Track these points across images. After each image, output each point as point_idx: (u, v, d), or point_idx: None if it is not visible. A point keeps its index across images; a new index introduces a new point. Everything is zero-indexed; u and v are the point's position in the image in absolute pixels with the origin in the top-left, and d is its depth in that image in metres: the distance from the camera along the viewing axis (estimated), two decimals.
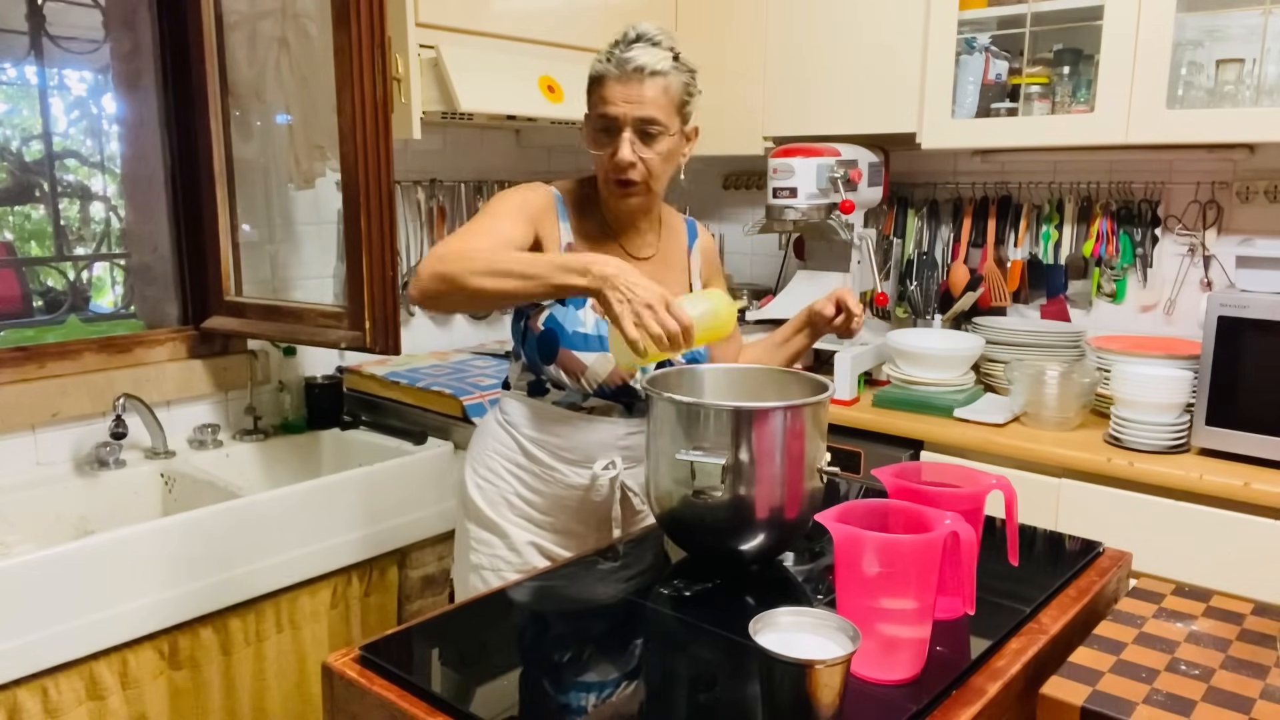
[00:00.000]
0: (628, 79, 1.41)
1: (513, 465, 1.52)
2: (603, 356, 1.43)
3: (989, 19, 2.27)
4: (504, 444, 1.53)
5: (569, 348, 1.43)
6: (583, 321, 1.44)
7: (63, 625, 1.51)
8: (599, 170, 1.48)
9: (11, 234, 2.82)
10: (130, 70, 2.16)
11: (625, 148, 1.41)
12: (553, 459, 1.50)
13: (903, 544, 0.91)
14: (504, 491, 1.53)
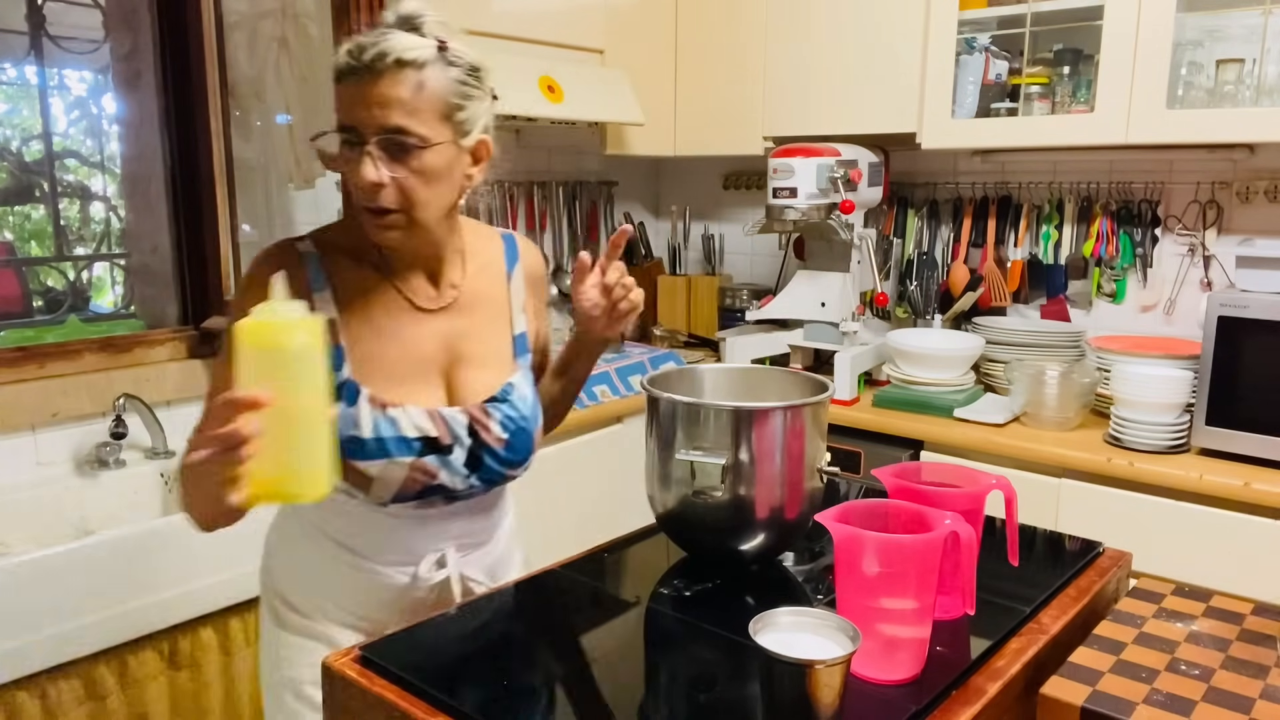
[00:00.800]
0: (369, 74, 1.04)
1: (324, 565, 1.22)
2: (391, 463, 1.13)
3: (989, 19, 2.27)
4: (311, 541, 1.23)
5: (345, 457, 1.11)
6: (357, 423, 1.12)
7: (63, 625, 1.51)
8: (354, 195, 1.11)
9: (11, 234, 2.82)
10: (130, 70, 2.16)
11: (367, 166, 1.05)
12: (369, 561, 1.21)
13: (903, 544, 0.91)
14: (321, 596, 1.23)
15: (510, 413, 1.22)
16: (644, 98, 2.57)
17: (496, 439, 1.20)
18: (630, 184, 3.18)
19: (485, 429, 1.19)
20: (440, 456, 1.16)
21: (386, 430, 1.13)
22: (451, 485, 1.18)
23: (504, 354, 1.26)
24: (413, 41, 1.05)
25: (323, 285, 1.14)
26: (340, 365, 1.13)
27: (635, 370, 2.47)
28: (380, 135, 1.05)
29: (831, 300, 2.45)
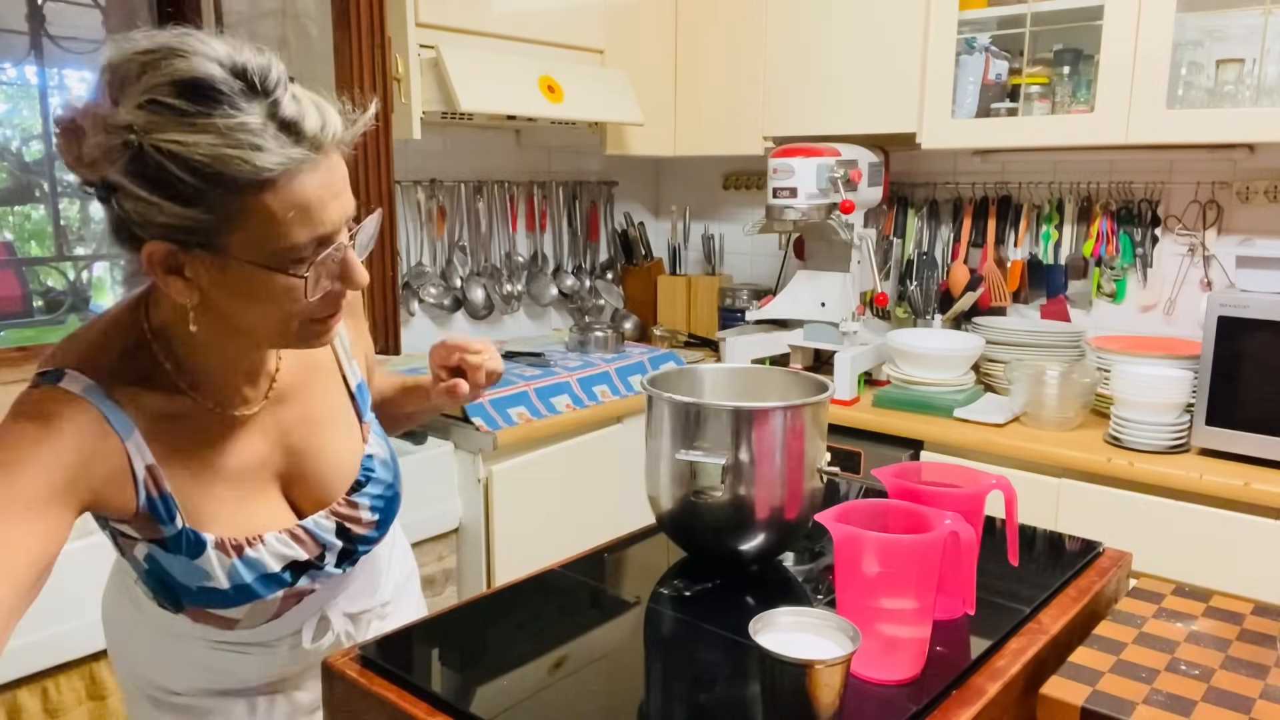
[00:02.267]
0: (322, 155, 0.81)
1: (201, 656, 1.06)
2: (259, 605, 0.98)
3: (989, 19, 2.27)
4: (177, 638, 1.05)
5: (196, 605, 0.96)
6: (210, 574, 0.94)
7: (63, 625, 1.51)
8: (275, 324, 0.86)
9: (11, 234, 2.82)
10: None
11: (359, 267, 0.88)
12: (252, 646, 1.06)
13: (903, 544, 0.91)
14: (204, 681, 1.08)
15: (376, 490, 1.07)
16: (644, 98, 2.57)
17: (368, 524, 1.06)
18: (630, 184, 3.18)
19: (355, 522, 1.05)
20: (312, 573, 1.02)
21: (247, 575, 0.95)
22: (326, 587, 1.06)
23: (348, 420, 1.08)
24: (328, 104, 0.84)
25: (129, 427, 0.88)
26: (172, 516, 0.91)
27: (635, 370, 2.47)
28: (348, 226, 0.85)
29: (831, 300, 2.45)
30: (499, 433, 2.04)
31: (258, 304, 0.84)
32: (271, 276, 0.81)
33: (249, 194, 0.77)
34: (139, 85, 0.76)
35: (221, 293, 0.83)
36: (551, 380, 2.26)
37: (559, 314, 3.01)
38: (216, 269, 0.81)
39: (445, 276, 2.63)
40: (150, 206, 0.77)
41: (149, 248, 0.79)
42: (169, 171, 0.75)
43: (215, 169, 0.75)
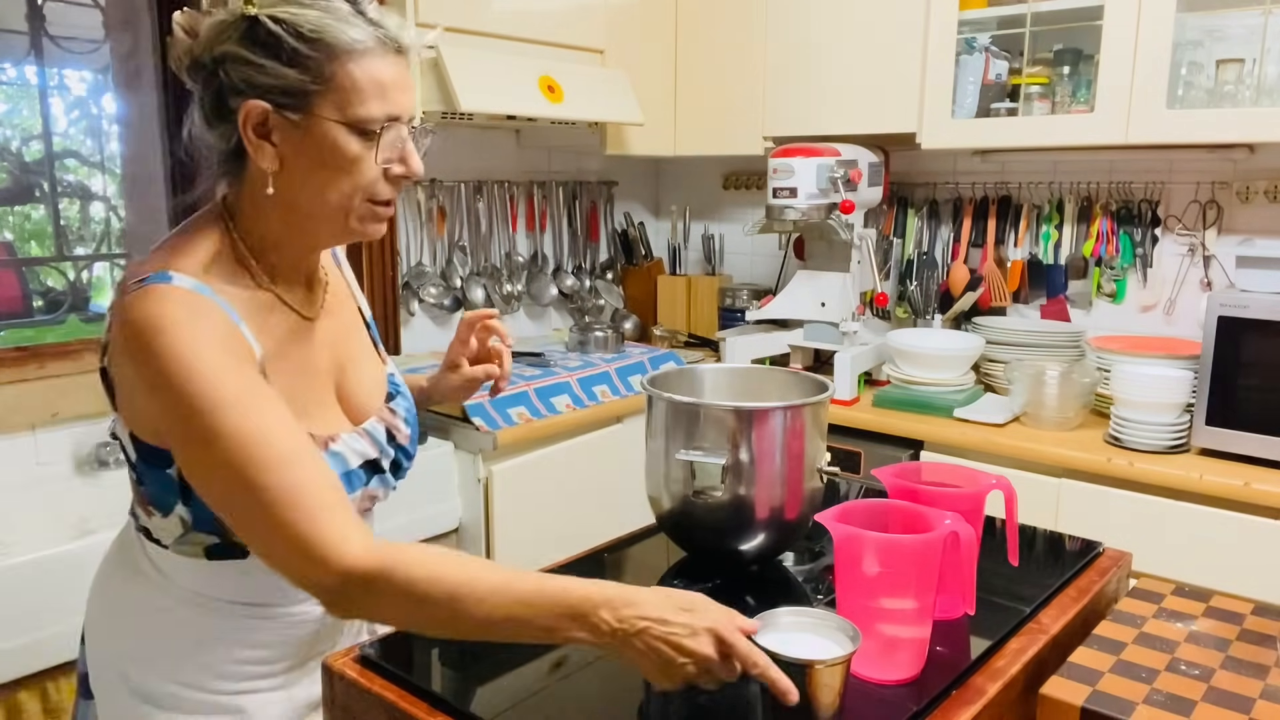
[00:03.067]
0: (396, 54, 0.94)
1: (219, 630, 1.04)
2: (362, 491, 1.06)
3: (989, 19, 2.27)
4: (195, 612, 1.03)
5: None
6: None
7: (63, 625, 1.51)
8: (344, 188, 0.94)
9: (11, 234, 2.82)
10: (130, 70, 2.16)
11: (416, 156, 0.98)
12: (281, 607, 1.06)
13: (903, 544, 0.91)
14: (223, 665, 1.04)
15: (405, 404, 1.14)
16: (644, 98, 2.57)
17: (405, 436, 1.12)
18: (630, 184, 3.18)
19: (398, 430, 1.11)
20: (380, 477, 1.07)
21: (335, 468, 0.98)
22: (381, 500, 1.09)
23: (368, 343, 1.16)
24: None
25: (239, 320, 0.93)
26: None
27: (635, 370, 2.47)
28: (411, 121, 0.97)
29: (831, 300, 2.45)
30: (499, 433, 2.04)
31: (329, 172, 0.93)
32: (347, 139, 0.92)
33: (340, 61, 0.90)
34: None
35: (300, 160, 0.93)
36: (551, 380, 2.26)
37: (559, 314, 3.00)
38: (300, 134, 0.91)
39: (445, 276, 2.63)
40: (257, 69, 0.90)
41: (248, 106, 0.90)
42: (279, 37, 0.89)
43: (318, 35, 0.89)
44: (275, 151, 0.92)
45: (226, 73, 0.91)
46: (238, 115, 0.91)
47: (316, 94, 0.91)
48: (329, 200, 0.95)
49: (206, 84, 0.93)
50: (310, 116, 0.91)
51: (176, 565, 1.02)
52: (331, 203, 0.95)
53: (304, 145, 0.92)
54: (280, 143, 0.92)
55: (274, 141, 0.92)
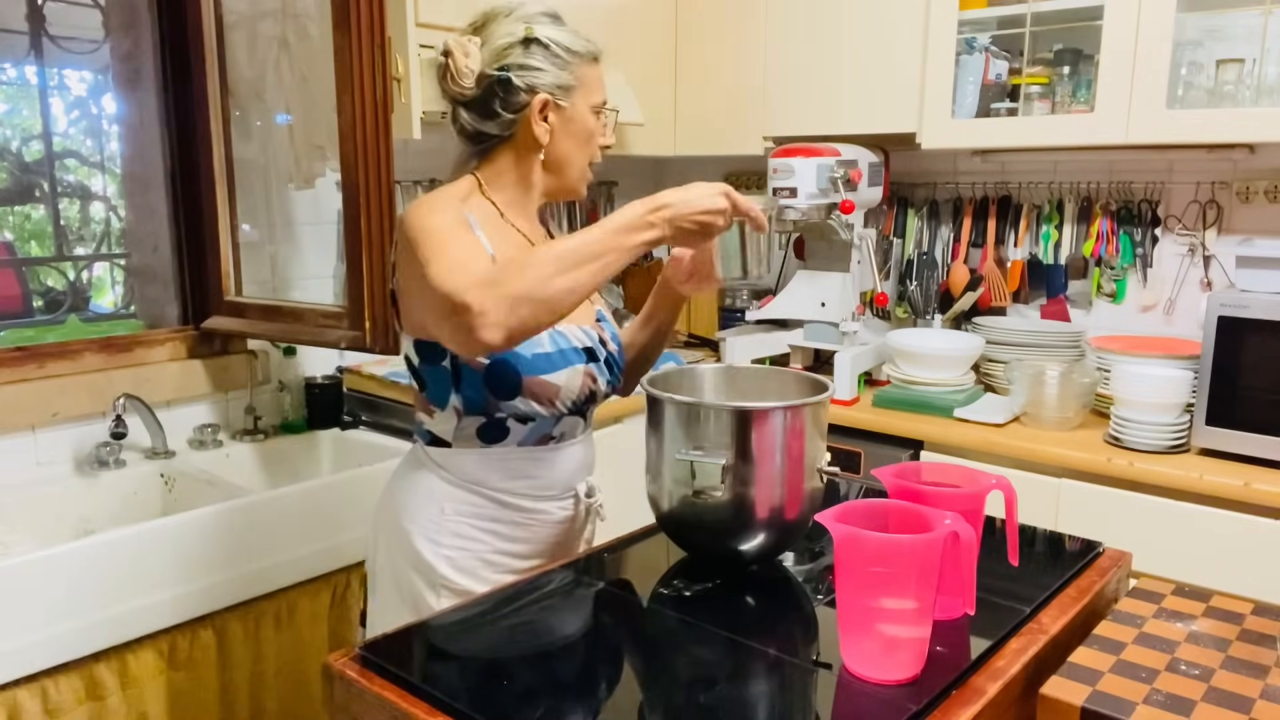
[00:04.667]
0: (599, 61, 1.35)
1: (485, 522, 1.31)
2: (573, 371, 1.29)
3: (989, 19, 2.27)
4: (466, 503, 1.31)
5: (534, 374, 1.25)
6: (539, 341, 1.25)
7: (63, 625, 1.51)
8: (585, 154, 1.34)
9: (11, 234, 2.82)
10: (130, 70, 2.16)
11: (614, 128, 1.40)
12: (534, 501, 1.33)
13: (903, 544, 0.91)
14: (479, 553, 1.31)
15: (610, 328, 1.43)
16: (644, 98, 2.56)
17: (613, 348, 1.40)
18: (630, 184, 3.18)
19: (605, 342, 1.38)
20: (596, 363, 1.34)
21: (562, 343, 1.29)
22: (601, 391, 1.37)
23: None
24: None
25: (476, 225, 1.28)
26: None
27: None
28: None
29: (831, 300, 2.45)
30: None
31: (578, 142, 1.33)
32: (590, 119, 1.33)
33: (584, 64, 1.31)
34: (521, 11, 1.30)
35: (562, 133, 1.31)
36: None
37: None
38: (564, 118, 1.30)
39: None
40: (539, 73, 1.27)
41: (540, 98, 1.27)
42: (552, 49, 1.28)
43: (573, 47, 1.30)
44: (549, 128, 1.29)
45: (520, 76, 1.27)
46: (523, 106, 1.27)
47: (575, 88, 1.30)
48: (576, 162, 1.34)
49: (490, 89, 1.28)
50: (572, 105, 1.30)
51: (458, 460, 1.31)
52: (578, 164, 1.34)
53: (567, 125, 1.31)
54: (553, 123, 1.30)
55: (549, 123, 1.29)
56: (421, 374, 1.31)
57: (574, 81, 1.30)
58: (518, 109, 1.28)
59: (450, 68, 1.28)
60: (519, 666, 0.99)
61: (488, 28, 1.30)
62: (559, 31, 1.30)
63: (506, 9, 1.31)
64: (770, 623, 1.09)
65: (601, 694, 0.95)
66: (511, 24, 1.28)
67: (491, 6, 1.31)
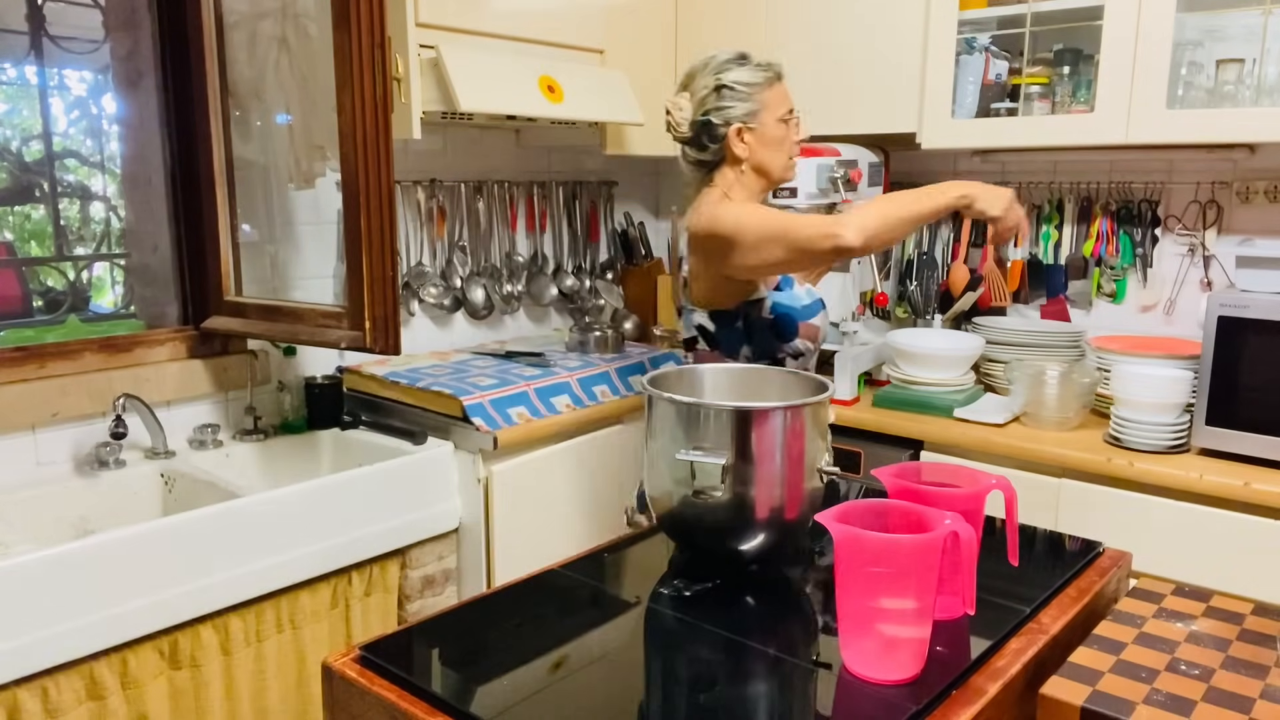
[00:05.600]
0: (780, 78, 1.74)
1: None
2: (824, 315, 1.79)
3: (989, 19, 2.27)
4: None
5: (807, 319, 1.74)
6: (803, 296, 1.75)
7: (63, 625, 1.51)
8: (782, 153, 1.73)
9: (11, 234, 2.82)
10: (130, 70, 2.16)
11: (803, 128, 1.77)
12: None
13: (903, 544, 0.91)
14: None
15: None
16: (644, 98, 2.57)
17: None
18: (630, 184, 3.18)
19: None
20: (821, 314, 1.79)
21: (816, 295, 1.78)
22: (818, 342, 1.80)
23: None
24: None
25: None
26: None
27: (635, 370, 2.47)
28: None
29: (831, 300, 2.44)
30: (499, 433, 2.04)
31: (774, 148, 1.72)
32: (780, 128, 1.71)
33: (764, 90, 1.69)
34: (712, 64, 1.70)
35: (759, 146, 1.71)
36: (551, 380, 2.26)
37: (559, 314, 3.01)
38: (757, 135, 1.70)
39: (445, 276, 2.63)
40: (729, 110, 1.68)
41: (734, 128, 1.69)
42: (736, 90, 1.68)
43: (755, 80, 1.69)
44: (747, 145, 1.70)
45: (717, 115, 1.69)
46: (723, 137, 1.70)
47: (760, 111, 1.69)
48: (777, 161, 1.73)
49: (699, 130, 1.71)
50: (761, 123, 1.70)
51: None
52: (778, 162, 1.73)
53: (761, 139, 1.70)
54: (749, 141, 1.70)
55: (746, 142, 1.70)
56: (716, 336, 1.74)
57: (759, 106, 1.69)
58: (720, 139, 1.70)
59: (671, 122, 1.73)
60: (519, 666, 0.99)
61: (690, 85, 1.72)
62: (741, 72, 1.68)
63: (702, 64, 1.72)
64: (770, 623, 1.09)
65: (602, 694, 0.95)
66: (705, 78, 1.70)
67: (691, 65, 1.73)
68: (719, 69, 1.69)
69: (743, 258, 1.63)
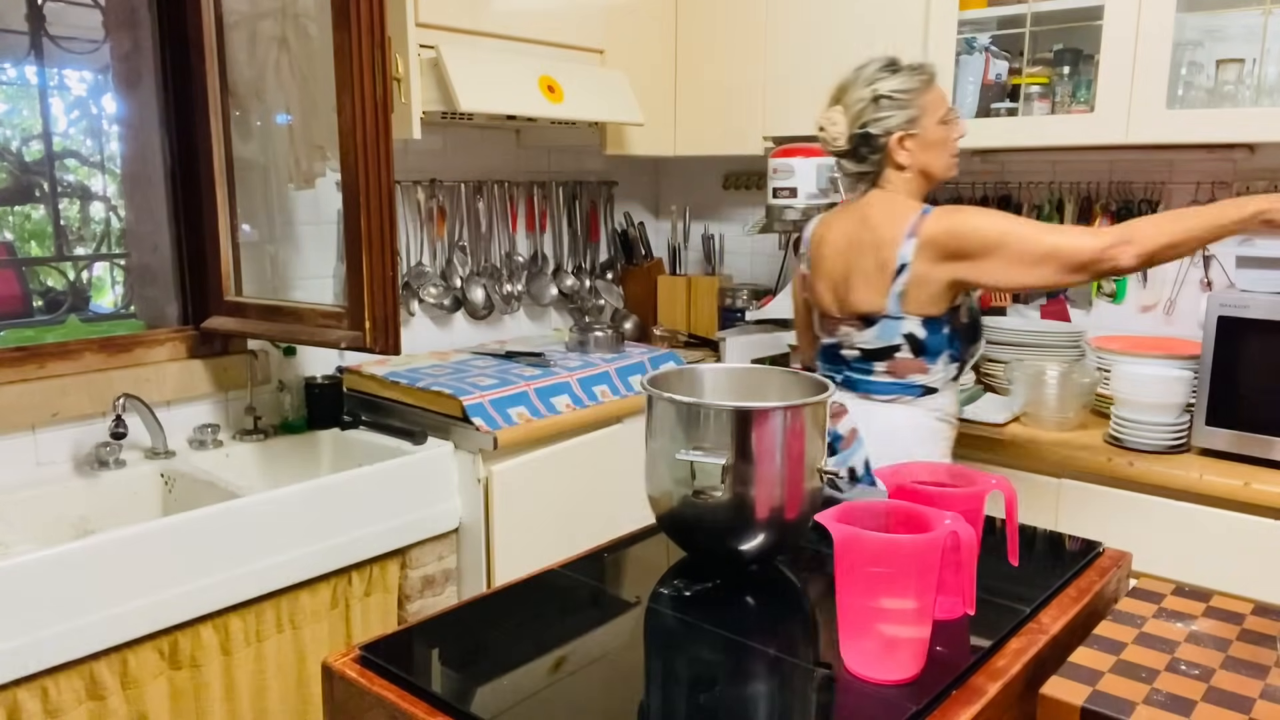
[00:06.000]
0: (934, 80, 1.75)
1: (947, 442, 1.78)
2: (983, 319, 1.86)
3: (989, 19, 2.27)
4: (943, 434, 1.76)
5: (982, 323, 1.82)
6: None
7: (63, 625, 1.51)
8: (945, 154, 1.73)
9: (11, 234, 2.82)
10: (130, 70, 2.16)
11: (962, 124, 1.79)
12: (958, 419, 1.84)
13: (903, 544, 0.91)
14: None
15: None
16: (644, 98, 2.57)
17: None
18: (630, 184, 3.18)
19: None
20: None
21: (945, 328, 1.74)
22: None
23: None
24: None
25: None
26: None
27: (635, 370, 2.47)
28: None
29: None
30: (499, 433, 2.04)
31: (937, 150, 1.72)
32: (941, 129, 1.71)
33: (921, 94, 1.69)
34: (864, 75, 1.72)
35: (920, 149, 1.70)
36: (551, 380, 2.26)
37: (559, 314, 3.01)
38: (919, 140, 1.70)
39: (445, 276, 2.63)
40: (888, 119, 1.69)
41: (895, 137, 1.69)
42: (895, 100, 1.68)
43: (912, 87, 1.69)
44: (909, 151, 1.70)
45: (877, 126, 1.69)
46: (884, 147, 1.70)
47: (919, 116, 1.69)
48: (939, 161, 1.72)
49: (856, 141, 1.72)
50: (922, 128, 1.69)
51: (941, 400, 1.75)
52: (940, 162, 1.73)
53: (922, 142, 1.70)
54: (910, 147, 1.70)
55: (908, 148, 1.70)
56: (924, 343, 1.69)
57: (918, 112, 1.68)
58: (880, 149, 1.70)
59: (826, 138, 1.75)
60: (519, 666, 0.99)
61: (843, 99, 1.73)
62: (897, 80, 1.68)
63: (853, 77, 1.72)
64: (770, 623, 1.09)
65: (601, 694, 0.95)
66: (859, 89, 1.70)
67: (843, 79, 1.74)
68: (872, 79, 1.69)
69: (1004, 272, 1.59)
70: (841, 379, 1.79)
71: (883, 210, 1.71)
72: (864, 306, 1.71)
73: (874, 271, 1.69)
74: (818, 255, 1.82)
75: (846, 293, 1.74)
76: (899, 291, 1.66)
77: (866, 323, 1.72)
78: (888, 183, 1.73)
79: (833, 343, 1.81)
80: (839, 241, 1.77)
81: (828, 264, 1.78)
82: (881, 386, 1.75)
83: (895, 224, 1.67)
